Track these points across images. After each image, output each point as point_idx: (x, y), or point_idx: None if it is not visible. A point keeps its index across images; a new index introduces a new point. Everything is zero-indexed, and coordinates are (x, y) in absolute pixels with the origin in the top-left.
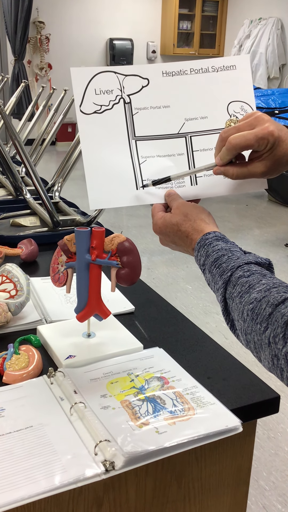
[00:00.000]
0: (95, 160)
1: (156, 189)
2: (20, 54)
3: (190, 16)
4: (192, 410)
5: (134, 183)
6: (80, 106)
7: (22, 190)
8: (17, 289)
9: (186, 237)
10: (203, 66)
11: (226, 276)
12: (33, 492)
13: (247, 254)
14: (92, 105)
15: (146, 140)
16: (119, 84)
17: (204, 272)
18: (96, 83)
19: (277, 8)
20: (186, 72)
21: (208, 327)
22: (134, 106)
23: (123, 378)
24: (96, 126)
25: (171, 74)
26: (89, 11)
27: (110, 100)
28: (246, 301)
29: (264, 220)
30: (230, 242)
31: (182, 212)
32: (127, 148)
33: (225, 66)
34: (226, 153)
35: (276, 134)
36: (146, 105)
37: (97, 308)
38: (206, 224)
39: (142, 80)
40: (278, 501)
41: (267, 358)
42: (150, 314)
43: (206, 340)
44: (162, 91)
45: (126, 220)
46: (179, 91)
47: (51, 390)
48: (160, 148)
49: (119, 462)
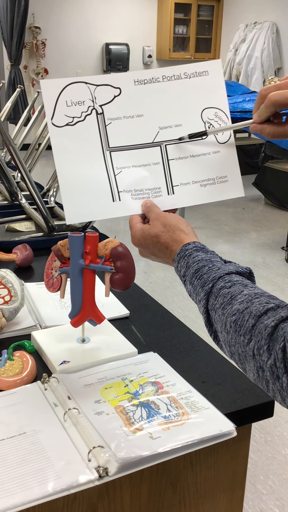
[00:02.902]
0: (69, 173)
1: (132, 200)
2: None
3: (185, 21)
4: (186, 415)
5: (110, 195)
6: (51, 119)
7: (17, 195)
8: (11, 295)
9: (165, 249)
10: (175, 73)
11: (207, 288)
12: (26, 499)
13: (228, 264)
14: (64, 117)
15: (120, 150)
16: (90, 95)
17: (185, 283)
18: (67, 95)
19: (272, 12)
20: (158, 79)
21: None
22: (107, 117)
23: (117, 383)
24: (69, 138)
25: (143, 82)
26: (85, 16)
27: (82, 111)
28: (229, 312)
29: (260, 223)
30: (210, 252)
31: (161, 223)
32: (102, 160)
33: (198, 72)
34: (264, 110)
35: None
36: (119, 115)
37: (91, 313)
38: (185, 234)
39: (114, 90)
40: (275, 505)
41: (252, 369)
42: (145, 319)
43: (201, 344)
44: (135, 100)
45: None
46: (152, 99)
47: (45, 396)
48: (135, 158)
49: (113, 468)
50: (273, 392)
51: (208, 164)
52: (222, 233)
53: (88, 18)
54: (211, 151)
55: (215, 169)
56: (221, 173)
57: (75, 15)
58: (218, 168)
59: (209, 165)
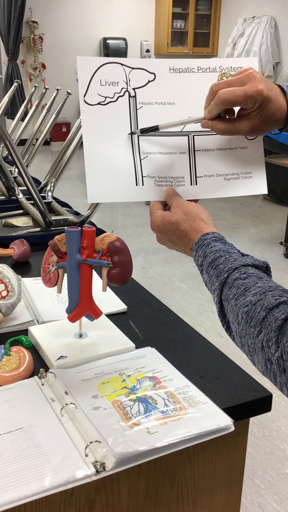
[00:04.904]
0: (96, 152)
1: (155, 186)
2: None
3: (183, 15)
4: (184, 409)
5: (134, 178)
6: (84, 96)
7: (15, 190)
8: (8, 290)
9: (184, 237)
10: (211, 65)
11: (222, 278)
12: (23, 494)
13: (245, 256)
14: (97, 96)
15: (148, 136)
16: (125, 77)
17: (202, 273)
18: (102, 74)
19: (271, 6)
20: (193, 70)
21: (203, 326)
22: (139, 100)
23: (114, 379)
24: (99, 117)
25: (178, 71)
26: (82, 11)
27: (115, 92)
28: (241, 303)
29: (259, 218)
30: (228, 244)
31: (182, 210)
32: (129, 143)
33: (232, 67)
34: (214, 107)
35: (265, 94)
36: (151, 100)
37: (88, 308)
38: (205, 224)
39: (149, 75)
40: (273, 500)
41: (260, 362)
42: (142, 314)
43: (199, 339)
44: (168, 87)
45: (121, 219)
46: (185, 88)
47: (42, 391)
48: (162, 145)
49: (110, 463)
50: (280, 385)
51: (234, 159)
52: (221, 228)
53: (85, 12)
54: (239, 146)
55: (241, 164)
56: (246, 169)
57: (73, 9)
58: (244, 164)
59: (235, 160)
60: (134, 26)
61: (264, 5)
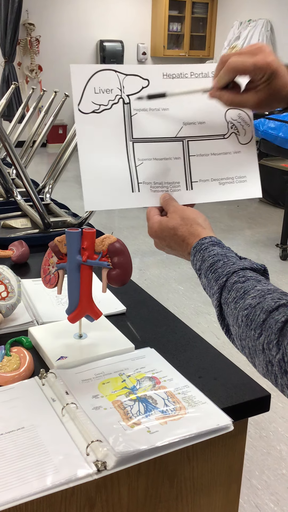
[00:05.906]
0: (91, 161)
1: (151, 192)
2: (10, 56)
3: (180, 18)
4: (183, 409)
5: (130, 185)
6: (78, 104)
7: (13, 192)
8: (8, 291)
9: (182, 242)
10: (204, 70)
11: (221, 282)
12: (25, 493)
13: (243, 260)
14: (91, 104)
15: (143, 142)
16: (119, 84)
17: (200, 277)
18: (96, 81)
19: (267, 9)
20: (186, 75)
21: (200, 327)
22: (133, 107)
23: (114, 379)
24: (94, 126)
25: (171, 77)
26: (79, 13)
27: (109, 99)
28: (241, 307)
29: (255, 220)
30: (226, 248)
31: (179, 216)
32: (124, 150)
33: None
34: (223, 76)
35: (274, 67)
36: (145, 106)
37: (88, 309)
38: (202, 228)
39: (143, 81)
40: (270, 500)
41: (261, 364)
42: (141, 315)
43: (197, 340)
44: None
45: (118, 222)
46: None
47: (43, 391)
48: (157, 151)
49: (111, 462)
50: (281, 386)
51: (228, 163)
52: (217, 231)
53: (82, 15)
54: (232, 150)
55: (235, 169)
56: (241, 173)
57: (69, 11)
58: (238, 168)
59: (229, 164)
60: (131, 28)
61: (260, 8)
